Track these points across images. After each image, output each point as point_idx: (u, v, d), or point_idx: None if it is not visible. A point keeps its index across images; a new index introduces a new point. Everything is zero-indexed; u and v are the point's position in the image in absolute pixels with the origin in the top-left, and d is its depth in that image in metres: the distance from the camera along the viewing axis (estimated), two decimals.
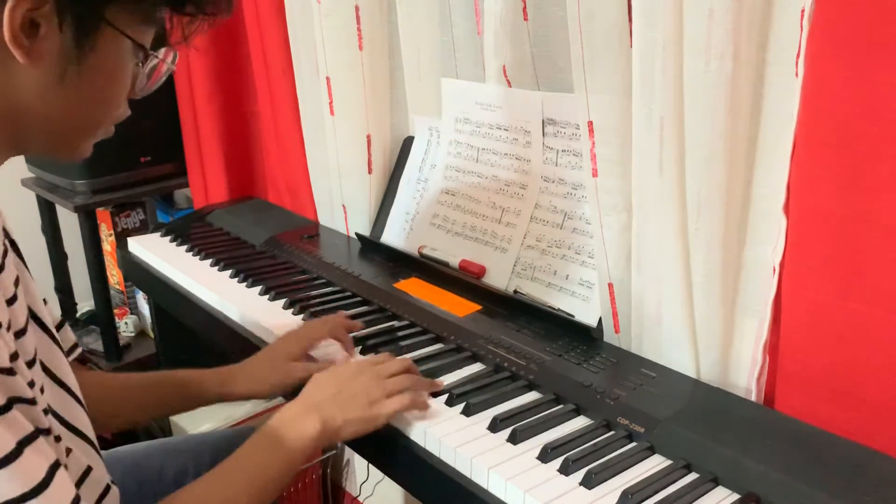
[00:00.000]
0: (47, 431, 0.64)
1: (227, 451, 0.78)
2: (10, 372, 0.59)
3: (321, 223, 1.53)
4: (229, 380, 0.98)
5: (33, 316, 0.70)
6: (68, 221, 1.96)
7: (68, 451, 0.70)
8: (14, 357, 0.60)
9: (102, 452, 0.89)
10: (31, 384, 0.63)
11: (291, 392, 0.93)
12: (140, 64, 0.67)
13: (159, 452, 1.10)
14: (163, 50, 0.69)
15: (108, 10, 0.60)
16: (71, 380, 0.73)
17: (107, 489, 0.76)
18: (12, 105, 0.61)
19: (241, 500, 0.73)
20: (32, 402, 0.61)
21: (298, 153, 1.53)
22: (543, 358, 0.95)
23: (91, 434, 0.75)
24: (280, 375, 0.96)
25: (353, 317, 1.09)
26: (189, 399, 0.98)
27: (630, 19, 0.87)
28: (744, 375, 0.90)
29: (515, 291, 1.13)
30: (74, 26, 0.59)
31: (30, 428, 0.58)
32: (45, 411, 0.65)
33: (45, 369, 0.70)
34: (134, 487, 0.98)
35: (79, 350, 0.88)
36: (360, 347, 1.01)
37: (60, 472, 0.59)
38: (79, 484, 0.71)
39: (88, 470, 0.73)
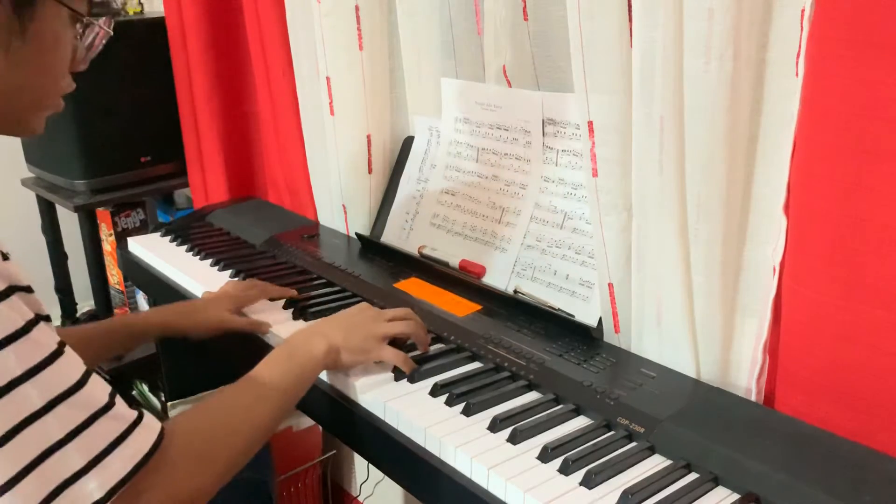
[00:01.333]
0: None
1: None
2: (29, 290, 0.63)
3: (321, 223, 1.53)
4: (171, 318, 1.09)
5: None
6: (68, 221, 1.96)
7: None
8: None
9: None
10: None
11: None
12: (79, 37, 0.70)
13: None
14: (102, 19, 0.72)
15: None
16: None
17: None
18: None
19: (261, 405, 0.80)
20: (48, 318, 0.65)
21: (298, 153, 1.53)
22: (543, 358, 0.95)
23: None
24: (216, 321, 1.08)
25: None
26: (134, 338, 1.10)
27: (630, 19, 0.87)
28: (744, 375, 0.90)
29: (515, 291, 1.13)
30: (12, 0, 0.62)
31: (31, 314, 0.61)
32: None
33: None
34: None
35: None
36: None
37: (93, 377, 0.64)
38: None
39: None
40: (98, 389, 0.63)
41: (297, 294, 1.16)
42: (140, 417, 0.65)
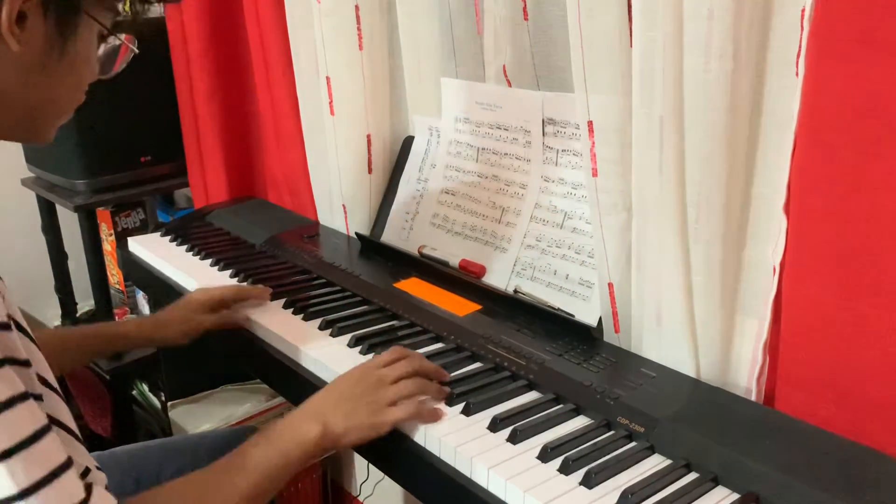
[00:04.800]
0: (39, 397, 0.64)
1: (225, 451, 0.78)
2: (27, 364, 0.61)
3: (321, 223, 1.53)
4: (148, 330, 1.11)
5: None
6: (68, 221, 1.96)
7: None
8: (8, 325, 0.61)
9: (101, 453, 0.88)
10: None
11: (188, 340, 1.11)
12: (101, 50, 0.72)
13: (158, 452, 1.10)
14: (126, 36, 0.75)
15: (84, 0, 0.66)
16: (44, 367, 0.71)
17: (86, 471, 0.74)
18: None
19: (234, 494, 0.74)
20: (26, 363, 0.62)
21: (298, 153, 1.53)
22: (543, 358, 0.95)
23: (69, 422, 0.73)
24: (190, 325, 1.10)
25: (353, 316, 1.09)
26: (117, 346, 1.16)
27: (630, 19, 0.87)
28: (744, 375, 0.90)
29: (515, 291, 1.13)
30: (57, 16, 0.64)
31: (21, 388, 0.59)
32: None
33: None
34: (132, 487, 0.98)
35: None
36: (359, 347, 1.01)
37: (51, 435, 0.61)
38: None
39: None
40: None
41: (270, 291, 1.16)
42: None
